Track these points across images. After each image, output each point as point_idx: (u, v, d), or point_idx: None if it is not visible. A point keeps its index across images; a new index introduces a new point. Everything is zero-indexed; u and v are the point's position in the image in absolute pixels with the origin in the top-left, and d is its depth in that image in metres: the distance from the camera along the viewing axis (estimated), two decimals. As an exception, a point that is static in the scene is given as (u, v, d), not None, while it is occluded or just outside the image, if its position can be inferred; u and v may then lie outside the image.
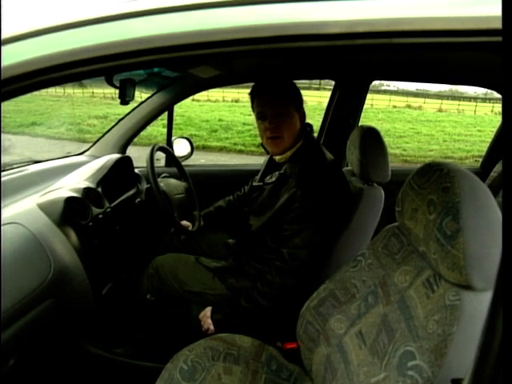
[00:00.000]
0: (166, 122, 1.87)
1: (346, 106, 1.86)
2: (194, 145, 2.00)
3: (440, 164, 0.69)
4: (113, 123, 1.82)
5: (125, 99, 1.11)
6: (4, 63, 0.42)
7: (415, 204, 0.72)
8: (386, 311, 0.78)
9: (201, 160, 5.90)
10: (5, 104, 0.47)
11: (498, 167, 1.76)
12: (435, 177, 0.68)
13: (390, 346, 0.72)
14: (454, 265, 0.61)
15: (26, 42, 0.44)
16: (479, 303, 0.59)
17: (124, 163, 1.48)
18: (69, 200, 1.09)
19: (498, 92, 1.75)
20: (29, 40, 0.43)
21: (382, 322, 0.78)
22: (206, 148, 8.18)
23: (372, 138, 1.24)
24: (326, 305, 0.93)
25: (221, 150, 8.48)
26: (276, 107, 1.21)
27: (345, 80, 1.84)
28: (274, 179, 1.25)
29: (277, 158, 1.29)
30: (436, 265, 0.66)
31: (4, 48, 0.42)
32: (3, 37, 0.42)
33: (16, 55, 0.43)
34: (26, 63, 0.42)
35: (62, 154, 1.79)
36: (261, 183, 1.33)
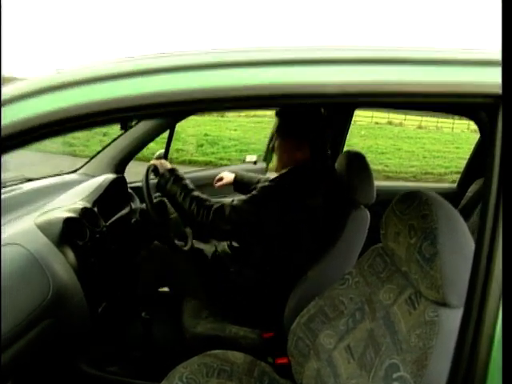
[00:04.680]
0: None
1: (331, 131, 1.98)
2: (180, 159, 2.06)
3: (419, 192, 0.77)
4: (97, 136, 1.85)
5: (125, 124, 1.15)
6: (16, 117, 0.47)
7: (397, 228, 0.80)
8: (373, 326, 0.84)
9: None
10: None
11: (474, 187, 1.87)
12: (415, 204, 0.75)
13: (377, 359, 0.78)
14: (432, 284, 0.68)
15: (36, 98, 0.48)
16: (455, 319, 0.65)
17: (118, 183, 1.52)
18: (67, 221, 1.12)
19: (471, 118, 1.90)
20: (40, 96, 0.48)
21: (368, 337, 0.84)
22: (192, 163, 8.21)
23: (358, 163, 1.32)
24: (316, 321, 0.98)
25: (207, 164, 8.52)
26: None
27: (328, 110, 1.95)
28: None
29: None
30: (417, 284, 0.74)
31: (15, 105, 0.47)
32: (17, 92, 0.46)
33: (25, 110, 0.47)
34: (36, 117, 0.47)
35: (47, 167, 1.81)
36: None
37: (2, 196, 1.32)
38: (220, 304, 1.40)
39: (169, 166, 1.41)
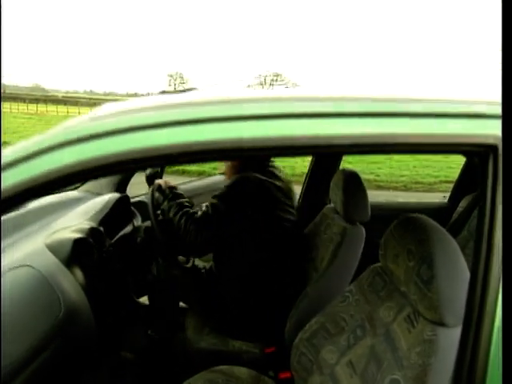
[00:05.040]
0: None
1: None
2: (174, 169, 2.10)
3: (416, 218, 0.82)
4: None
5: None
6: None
7: (396, 250, 0.85)
8: (374, 343, 0.89)
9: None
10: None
11: (464, 202, 1.95)
12: (412, 229, 0.81)
13: (379, 374, 0.82)
14: (430, 305, 0.74)
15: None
16: (451, 337, 0.71)
17: (123, 202, 1.56)
18: (77, 241, 1.15)
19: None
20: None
21: (370, 353, 0.89)
22: (185, 173, 8.21)
23: (353, 182, 1.37)
24: (318, 337, 1.03)
25: (200, 174, 8.53)
26: None
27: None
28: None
29: None
30: (415, 304, 0.79)
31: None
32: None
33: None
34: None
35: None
36: None
37: (9, 214, 1.34)
38: (215, 319, 1.44)
39: (171, 183, 1.46)
